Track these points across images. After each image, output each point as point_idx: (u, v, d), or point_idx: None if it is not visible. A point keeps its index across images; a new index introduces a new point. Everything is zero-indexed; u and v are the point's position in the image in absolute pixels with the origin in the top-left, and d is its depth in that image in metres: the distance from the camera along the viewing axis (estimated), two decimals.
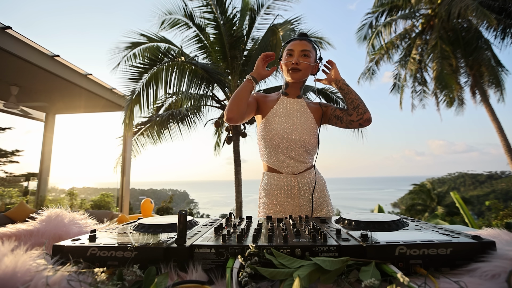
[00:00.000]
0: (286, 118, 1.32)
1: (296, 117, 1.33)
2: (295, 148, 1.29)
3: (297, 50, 1.29)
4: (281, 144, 1.29)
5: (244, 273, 0.47)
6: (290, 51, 1.30)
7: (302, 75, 1.31)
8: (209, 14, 6.17)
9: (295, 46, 1.30)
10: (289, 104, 1.37)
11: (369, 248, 0.52)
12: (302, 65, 1.28)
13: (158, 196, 66.66)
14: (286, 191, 1.29)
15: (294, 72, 1.29)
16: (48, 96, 5.84)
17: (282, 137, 1.28)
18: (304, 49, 1.28)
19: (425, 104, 13.30)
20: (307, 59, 1.29)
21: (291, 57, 1.30)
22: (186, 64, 5.61)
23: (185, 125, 7.04)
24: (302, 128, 1.31)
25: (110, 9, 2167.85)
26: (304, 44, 1.30)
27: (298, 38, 1.33)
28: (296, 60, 1.27)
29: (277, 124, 1.31)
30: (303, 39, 1.32)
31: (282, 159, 1.30)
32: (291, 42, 1.33)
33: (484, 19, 8.83)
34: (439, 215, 13.65)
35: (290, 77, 1.31)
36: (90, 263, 0.54)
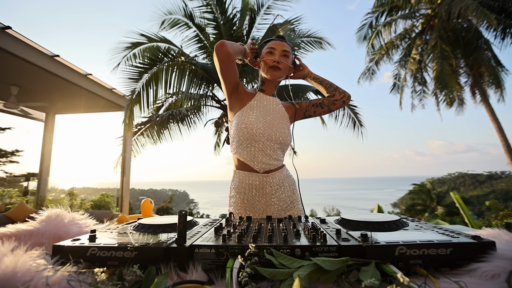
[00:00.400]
0: (262, 113, 1.33)
1: (272, 114, 1.35)
2: (270, 144, 1.29)
3: (278, 49, 1.32)
4: (256, 138, 1.27)
5: (244, 273, 0.47)
6: (272, 49, 1.33)
7: (281, 74, 1.35)
8: (209, 14, 6.17)
9: (277, 46, 1.33)
10: (265, 100, 1.38)
11: (369, 248, 0.52)
12: (282, 65, 1.32)
13: (158, 196, 66.66)
14: (259, 190, 1.29)
15: (275, 70, 1.32)
16: (48, 96, 5.84)
17: (257, 130, 1.27)
18: (285, 50, 1.32)
19: (425, 104, 13.32)
20: (287, 60, 1.33)
21: (272, 55, 1.32)
22: (186, 64, 5.61)
23: (185, 125, 7.04)
24: (277, 124, 1.32)
25: (110, 9, 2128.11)
26: (285, 45, 1.34)
27: (279, 39, 1.36)
28: (278, 58, 1.30)
29: (254, 117, 1.30)
30: (283, 41, 1.36)
31: (255, 154, 1.28)
32: (272, 41, 1.36)
33: (484, 19, 8.84)
34: (439, 215, 13.66)
35: (270, 74, 1.33)
36: (90, 263, 0.54)
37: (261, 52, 1.40)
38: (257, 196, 1.29)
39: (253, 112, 1.32)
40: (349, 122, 6.69)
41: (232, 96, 1.37)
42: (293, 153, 8.66)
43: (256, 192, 1.29)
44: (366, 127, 6.63)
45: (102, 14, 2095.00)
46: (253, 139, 1.27)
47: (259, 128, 1.27)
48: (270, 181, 1.29)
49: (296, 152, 8.63)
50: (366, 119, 6.87)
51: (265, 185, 1.29)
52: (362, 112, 6.63)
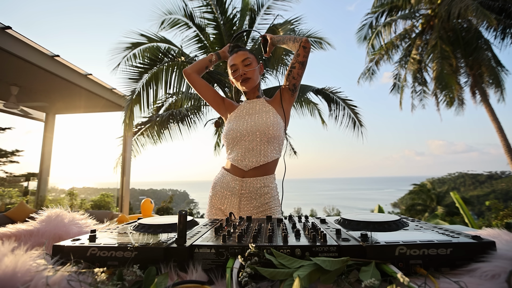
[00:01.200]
0: (246, 117, 1.38)
1: (257, 113, 1.38)
2: (254, 140, 1.30)
3: (238, 62, 1.38)
4: (240, 138, 1.32)
5: (244, 273, 0.47)
6: (233, 66, 1.39)
7: (254, 82, 1.40)
8: (209, 14, 6.18)
9: (236, 60, 1.39)
10: (249, 104, 1.44)
11: (369, 248, 0.52)
12: (249, 73, 1.37)
13: (158, 196, 66.66)
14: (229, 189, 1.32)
15: (246, 82, 1.38)
16: (48, 96, 5.84)
17: (241, 132, 1.32)
18: (243, 59, 1.37)
19: (425, 104, 13.33)
20: (251, 66, 1.38)
21: (236, 71, 1.39)
22: (186, 64, 5.61)
23: (185, 125, 7.04)
24: (260, 120, 1.34)
25: (110, 9, 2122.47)
26: (242, 54, 1.39)
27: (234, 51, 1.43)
28: (242, 71, 1.36)
29: (237, 122, 1.37)
30: (238, 50, 1.41)
31: (241, 153, 1.31)
32: (230, 58, 1.43)
33: (484, 19, 8.84)
34: (439, 215, 13.66)
35: (245, 87, 1.40)
36: (90, 263, 0.54)
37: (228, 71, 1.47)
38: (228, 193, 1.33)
39: (237, 118, 1.40)
40: (349, 122, 6.69)
41: (221, 111, 1.50)
42: (294, 153, 8.66)
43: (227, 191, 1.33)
44: (366, 127, 6.63)
45: (102, 14, 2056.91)
46: (238, 140, 1.33)
47: (241, 129, 1.33)
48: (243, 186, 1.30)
49: (296, 152, 8.63)
50: (366, 119, 6.87)
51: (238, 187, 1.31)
52: (362, 112, 6.63)
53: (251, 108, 1.41)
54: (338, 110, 6.66)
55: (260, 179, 1.30)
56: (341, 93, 6.60)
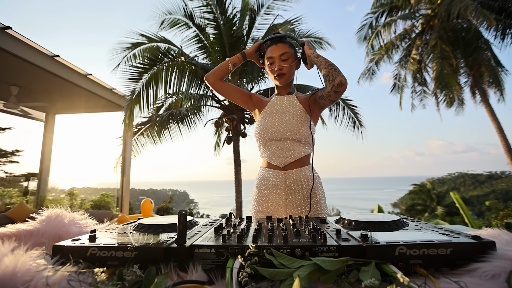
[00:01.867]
0: (277, 114, 1.39)
1: (287, 111, 1.39)
2: (286, 140, 1.33)
3: (276, 56, 1.35)
4: (272, 137, 1.35)
5: (244, 273, 0.47)
6: (270, 59, 1.36)
7: (288, 78, 1.38)
8: (209, 14, 6.17)
9: (274, 52, 1.35)
10: (280, 101, 1.43)
11: (369, 248, 0.52)
12: (285, 69, 1.35)
13: (158, 196, 66.66)
14: (274, 186, 1.33)
15: (280, 78, 1.36)
16: (48, 96, 5.84)
17: (272, 131, 1.35)
18: (282, 53, 1.34)
19: (425, 104, 13.33)
20: (288, 62, 1.35)
21: (272, 64, 1.36)
22: (186, 64, 5.61)
23: (185, 125, 7.04)
24: (292, 120, 1.35)
25: (110, 9, 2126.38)
26: (281, 48, 1.35)
27: (273, 42, 1.38)
28: (279, 66, 1.34)
29: (268, 120, 1.38)
30: (279, 42, 1.37)
31: (273, 150, 1.35)
32: (268, 49, 1.39)
33: (483, 20, 8.84)
34: (439, 215, 13.66)
35: (278, 82, 1.39)
36: (90, 263, 0.54)
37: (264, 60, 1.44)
38: (273, 193, 1.34)
39: (267, 115, 1.40)
40: (349, 122, 6.69)
41: (250, 108, 1.51)
42: None
43: (272, 188, 1.34)
44: (366, 127, 6.63)
45: (102, 14, 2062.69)
46: (269, 139, 1.35)
47: (272, 129, 1.35)
48: (287, 178, 1.32)
49: None
50: (366, 119, 6.87)
51: (280, 182, 1.33)
52: (362, 112, 6.64)
53: (281, 104, 1.41)
54: (338, 110, 6.67)
55: (301, 170, 1.34)
56: None
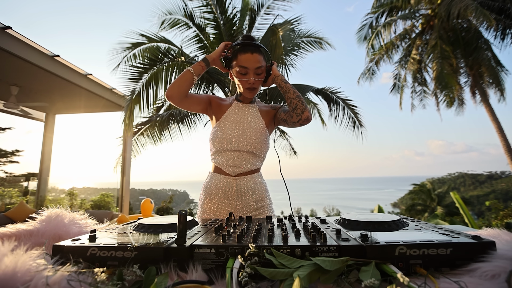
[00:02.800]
0: (236, 123, 1.34)
1: (246, 122, 1.35)
2: (242, 152, 1.31)
3: (251, 68, 1.23)
4: (229, 147, 1.31)
5: (244, 273, 0.47)
6: (244, 69, 1.24)
7: (257, 91, 1.32)
8: (209, 14, 6.17)
9: (249, 63, 1.23)
10: (241, 109, 1.39)
11: (369, 248, 0.52)
12: (257, 84, 1.28)
13: (158, 196, 66.65)
14: (224, 192, 1.31)
15: (251, 91, 1.30)
16: (48, 96, 5.84)
17: (230, 141, 1.31)
18: (258, 67, 1.24)
19: (425, 104, 13.34)
20: (261, 76, 1.28)
21: (245, 76, 1.25)
22: (186, 64, 5.61)
23: (185, 125, 7.04)
24: (251, 133, 1.32)
25: (110, 9, 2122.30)
26: (257, 60, 1.23)
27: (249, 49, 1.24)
28: (253, 80, 1.25)
29: (227, 128, 1.33)
30: (254, 52, 1.23)
31: (228, 159, 1.32)
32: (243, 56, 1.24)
33: (483, 20, 8.84)
34: (439, 215, 13.66)
35: (246, 95, 1.33)
36: (90, 263, 0.54)
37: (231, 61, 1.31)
38: (222, 199, 1.31)
39: (226, 124, 1.34)
40: (349, 122, 6.69)
41: (208, 112, 1.43)
42: (293, 153, 8.66)
43: (222, 195, 1.31)
44: (366, 127, 6.63)
45: (102, 14, 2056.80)
46: (225, 149, 1.32)
47: (230, 139, 1.31)
48: (238, 184, 1.31)
49: (296, 152, 8.63)
50: (366, 119, 6.87)
51: (231, 189, 1.31)
52: (362, 112, 6.63)
53: (243, 114, 1.37)
54: (338, 110, 6.66)
55: (252, 177, 1.34)
56: (341, 93, 6.60)
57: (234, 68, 1.29)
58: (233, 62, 1.29)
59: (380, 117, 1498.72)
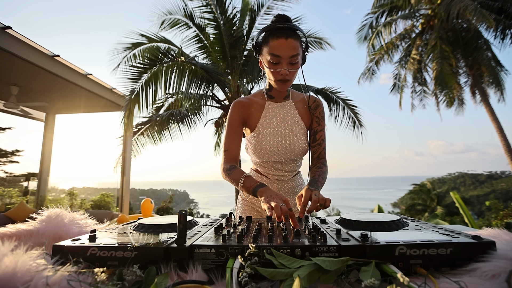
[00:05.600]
0: (276, 128, 1.23)
1: (286, 125, 1.24)
2: (286, 160, 1.25)
3: (285, 56, 1.06)
4: (272, 157, 1.23)
5: (244, 273, 0.47)
6: (276, 57, 1.07)
7: (291, 83, 1.16)
8: (209, 14, 6.18)
9: (282, 51, 1.05)
10: (277, 110, 1.26)
11: (369, 248, 0.52)
12: (291, 75, 1.11)
13: (158, 196, 66.66)
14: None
15: (284, 83, 1.13)
16: (48, 96, 5.84)
17: (273, 150, 1.22)
18: (293, 55, 1.06)
19: (425, 104, 13.34)
20: (297, 65, 1.10)
21: (277, 65, 1.08)
22: (186, 64, 5.61)
23: (185, 125, 7.04)
24: (292, 139, 1.23)
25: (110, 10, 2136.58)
26: (292, 46, 1.05)
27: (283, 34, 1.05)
28: (285, 71, 1.08)
29: (268, 136, 1.22)
30: (289, 37, 1.05)
31: (272, 169, 1.27)
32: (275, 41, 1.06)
33: (482, 20, 8.84)
34: (439, 215, 13.66)
35: (279, 88, 1.16)
36: (90, 263, 0.54)
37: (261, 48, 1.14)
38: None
39: (265, 131, 1.23)
40: (349, 122, 6.69)
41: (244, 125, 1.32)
42: None
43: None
44: (365, 127, 6.64)
45: (102, 14, 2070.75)
46: (269, 158, 1.24)
47: (273, 148, 1.21)
48: (281, 188, 1.28)
49: None
50: (366, 119, 6.87)
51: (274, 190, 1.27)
52: (362, 112, 6.63)
53: (280, 116, 1.26)
54: (338, 110, 6.67)
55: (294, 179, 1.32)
56: (341, 93, 6.61)
57: (264, 56, 1.12)
58: (264, 48, 1.11)
59: (380, 117, 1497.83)
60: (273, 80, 1.15)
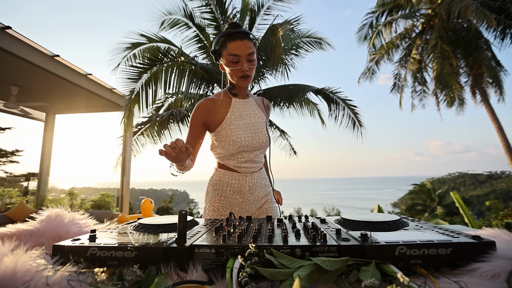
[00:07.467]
0: (242, 123, 1.32)
1: (251, 120, 1.35)
2: (255, 152, 1.34)
3: (243, 55, 1.20)
4: (242, 150, 1.30)
5: (244, 273, 0.47)
6: (235, 56, 1.20)
7: (251, 79, 1.28)
8: (209, 14, 6.18)
9: (240, 50, 1.19)
10: (242, 106, 1.36)
11: (369, 248, 0.52)
12: (251, 71, 1.24)
13: (158, 196, 66.64)
14: (236, 189, 1.33)
15: (245, 79, 1.25)
16: (48, 96, 5.84)
17: (242, 144, 1.29)
18: (250, 53, 1.21)
19: (425, 104, 13.34)
20: (254, 62, 1.24)
21: (237, 63, 1.22)
22: (186, 64, 5.61)
23: (185, 125, 7.04)
24: (259, 131, 1.34)
25: (110, 10, 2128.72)
26: (248, 46, 1.20)
27: (238, 36, 1.20)
28: (245, 67, 1.21)
29: (236, 131, 1.28)
30: (243, 39, 1.20)
31: (242, 162, 1.33)
32: (232, 43, 1.20)
33: (484, 20, 8.84)
34: (439, 215, 13.66)
35: (242, 84, 1.28)
36: (90, 263, 0.54)
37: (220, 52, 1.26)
38: (234, 194, 1.34)
39: (233, 126, 1.29)
40: (348, 122, 6.69)
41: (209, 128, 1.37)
42: (293, 153, 8.66)
43: (233, 190, 1.34)
44: (365, 127, 6.63)
45: (102, 14, 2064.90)
46: (238, 152, 1.31)
47: (242, 142, 1.29)
48: (249, 181, 1.34)
49: (296, 152, 8.63)
50: (366, 119, 6.87)
51: (243, 184, 1.34)
52: (362, 112, 6.63)
53: (246, 110, 1.37)
54: (338, 110, 6.67)
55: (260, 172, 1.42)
56: (341, 93, 6.61)
57: (224, 58, 1.25)
58: (223, 51, 1.25)
59: (380, 117, 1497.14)
60: (235, 78, 1.26)
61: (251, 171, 1.35)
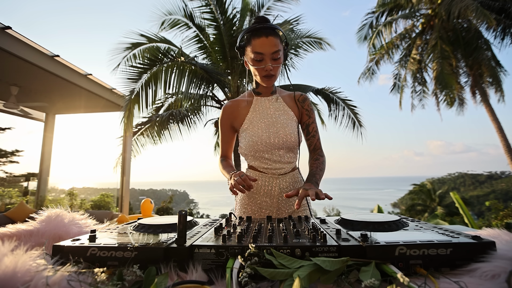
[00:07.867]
0: (264, 121, 1.27)
1: (275, 117, 1.27)
2: (277, 151, 1.25)
3: (267, 53, 1.14)
4: (263, 149, 1.24)
5: (244, 273, 0.47)
6: (259, 55, 1.14)
7: (276, 78, 1.23)
8: (209, 15, 6.18)
9: (265, 48, 1.13)
10: (264, 104, 1.30)
11: (369, 248, 0.52)
12: (275, 70, 1.18)
13: (158, 196, 66.63)
14: (266, 192, 1.26)
15: (269, 79, 1.20)
16: (48, 96, 5.84)
17: (262, 142, 1.23)
18: (275, 51, 1.14)
19: (424, 104, 13.34)
20: (279, 61, 1.18)
21: (261, 62, 1.16)
22: (186, 64, 5.61)
23: (185, 125, 7.05)
24: (282, 128, 1.25)
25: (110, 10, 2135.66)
26: (273, 43, 1.13)
27: (263, 33, 1.13)
28: (269, 66, 1.15)
29: (256, 130, 1.25)
30: (269, 35, 1.13)
31: (265, 162, 1.27)
32: (256, 40, 1.14)
33: (483, 20, 8.84)
34: (439, 215, 13.66)
35: (265, 83, 1.23)
36: (90, 263, 0.54)
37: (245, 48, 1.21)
38: (263, 197, 1.27)
39: (253, 125, 1.27)
40: (348, 122, 6.69)
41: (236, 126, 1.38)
42: None
43: (264, 194, 1.26)
44: (365, 127, 6.64)
45: (102, 15, 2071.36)
46: (259, 151, 1.25)
47: (262, 140, 1.23)
48: (279, 183, 1.26)
49: None
50: (366, 119, 6.87)
51: (273, 187, 1.26)
52: (362, 112, 6.63)
53: (267, 108, 1.29)
54: (337, 110, 6.67)
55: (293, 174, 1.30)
56: (341, 93, 6.61)
57: (248, 55, 1.20)
58: (247, 48, 1.19)
59: (380, 117, 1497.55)
60: (259, 77, 1.22)
61: (279, 172, 1.26)
